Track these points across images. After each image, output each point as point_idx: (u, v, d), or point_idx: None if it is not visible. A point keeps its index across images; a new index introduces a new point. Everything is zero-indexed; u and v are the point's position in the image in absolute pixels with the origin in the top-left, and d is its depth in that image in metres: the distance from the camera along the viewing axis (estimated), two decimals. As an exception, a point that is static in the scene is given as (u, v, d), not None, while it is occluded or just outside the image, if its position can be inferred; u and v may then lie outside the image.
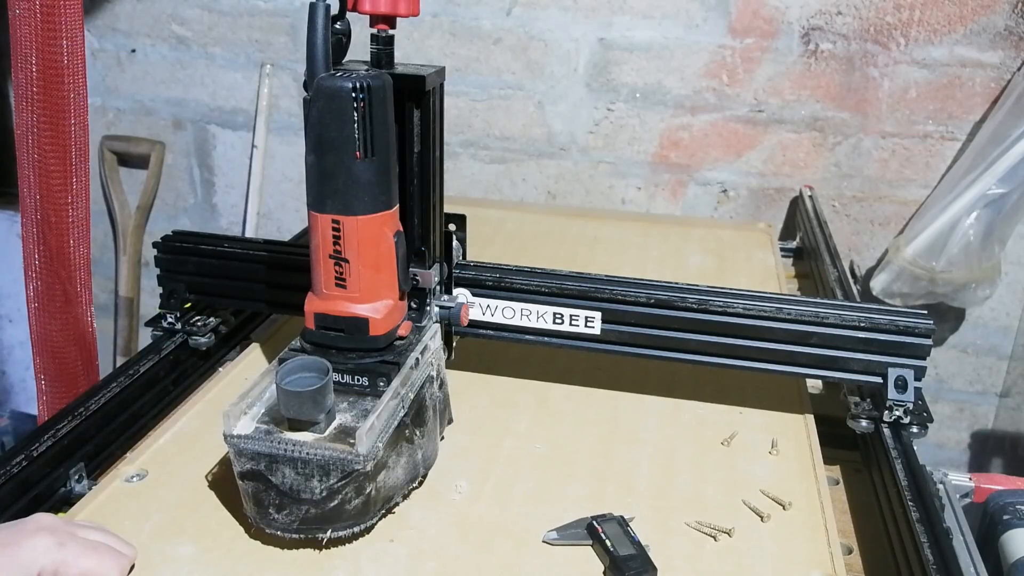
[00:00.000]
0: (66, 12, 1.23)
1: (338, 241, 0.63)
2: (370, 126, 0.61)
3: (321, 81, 0.60)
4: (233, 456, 0.60)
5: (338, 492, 0.59)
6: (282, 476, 0.59)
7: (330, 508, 0.59)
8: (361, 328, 0.65)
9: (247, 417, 0.61)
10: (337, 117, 0.60)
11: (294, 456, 0.58)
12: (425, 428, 0.68)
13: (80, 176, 1.34)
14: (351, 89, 0.59)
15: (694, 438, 0.78)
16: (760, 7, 1.34)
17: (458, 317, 0.75)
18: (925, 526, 0.63)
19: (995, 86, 1.31)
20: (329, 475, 0.58)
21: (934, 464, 0.83)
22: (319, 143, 0.61)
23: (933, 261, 1.30)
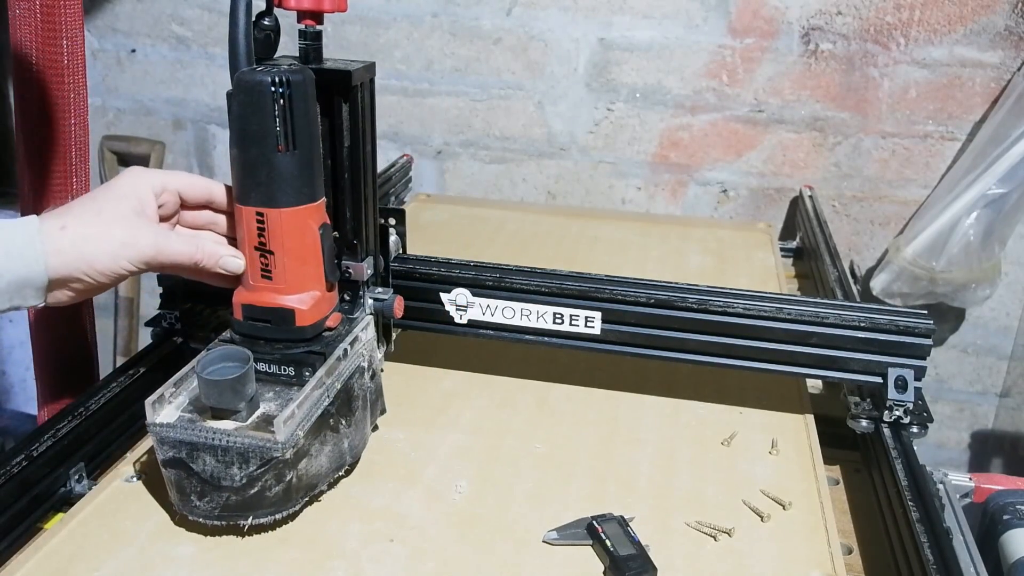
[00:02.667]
0: (66, 12, 1.23)
1: (263, 233, 0.64)
2: (291, 119, 0.61)
3: (241, 76, 0.61)
4: (156, 444, 0.61)
5: (258, 479, 0.60)
6: (203, 464, 0.60)
7: (250, 495, 0.60)
8: (287, 319, 0.65)
9: (171, 406, 0.62)
10: (257, 111, 0.61)
11: (214, 444, 0.59)
12: (352, 417, 0.69)
13: (80, 176, 1.34)
14: (270, 83, 0.60)
15: (694, 438, 0.78)
16: (760, 7, 1.34)
17: (391, 309, 0.76)
18: (925, 526, 0.63)
19: (995, 86, 1.31)
20: (248, 462, 0.59)
21: (934, 464, 0.83)
22: (241, 136, 0.62)
23: (933, 261, 1.30)
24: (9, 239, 0.59)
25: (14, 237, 0.59)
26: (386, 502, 0.68)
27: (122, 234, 0.62)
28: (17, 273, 0.58)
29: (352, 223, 0.73)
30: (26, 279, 0.59)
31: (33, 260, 0.59)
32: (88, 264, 0.61)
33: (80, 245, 0.60)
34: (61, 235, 0.60)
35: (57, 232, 0.60)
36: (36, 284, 0.60)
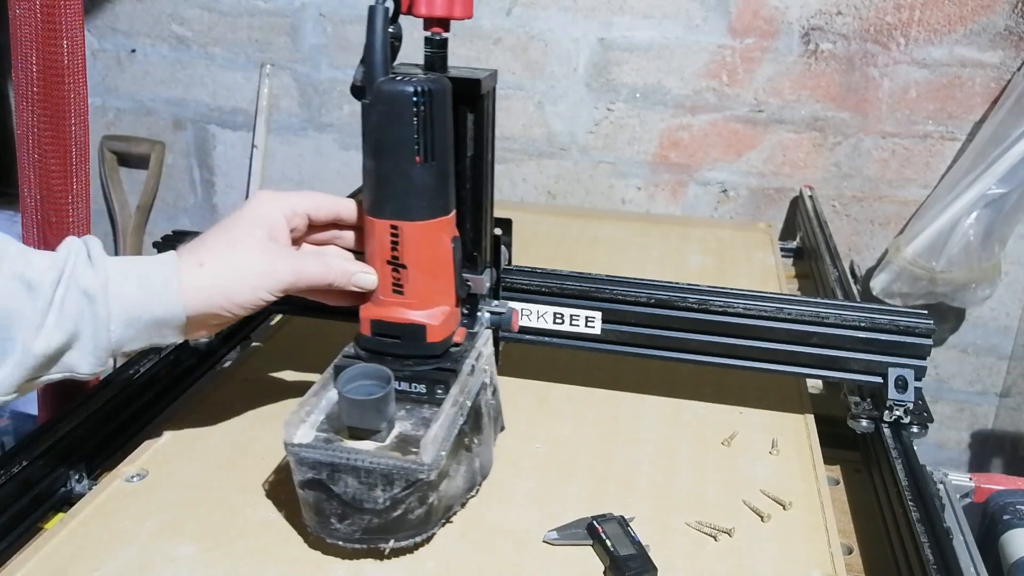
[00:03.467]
0: (66, 12, 1.23)
1: (396, 247, 0.62)
2: (430, 130, 0.60)
3: (381, 85, 0.59)
4: (294, 465, 0.59)
5: (401, 502, 0.58)
6: (345, 485, 0.57)
7: (393, 518, 0.58)
8: (418, 335, 0.63)
9: (306, 425, 0.60)
10: (397, 121, 0.59)
11: (357, 465, 0.57)
12: (482, 435, 0.67)
13: (80, 176, 1.34)
14: (412, 93, 0.59)
15: (694, 438, 0.78)
16: (760, 7, 1.34)
17: (509, 323, 0.73)
18: (925, 526, 0.63)
19: (995, 86, 1.31)
20: (393, 484, 0.57)
21: (934, 464, 0.83)
22: (378, 148, 0.60)
23: (933, 261, 1.30)
24: (148, 279, 0.58)
25: (153, 277, 0.58)
26: (386, 502, 0.68)
27: (260, 264, 0.61)
28: (155, 313, 0.58)
29: (472, 234, 0.71)
30: (164, 319, 0.58)
31: (172, 300, 0.58)
32: (228, 298, 0.60)
33: (220, 281, 0.60)
34: (200, 272, 0.59)
35: (195, 269, 0.59)
36: (175, 324, 0.59)
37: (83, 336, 0.57)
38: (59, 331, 0.55)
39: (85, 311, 0.56)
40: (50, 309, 0.55)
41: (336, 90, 1.54)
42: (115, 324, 0.57)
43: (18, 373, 0.55)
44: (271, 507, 0.66)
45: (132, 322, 0.58)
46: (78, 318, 0.56)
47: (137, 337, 0.59)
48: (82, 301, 0.56)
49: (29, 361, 0.55)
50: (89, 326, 0.56)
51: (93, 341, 0.57)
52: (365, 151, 0.61)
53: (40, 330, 0.55)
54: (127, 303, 0.57)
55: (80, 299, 0.56)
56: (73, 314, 0.56)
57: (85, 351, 0.57)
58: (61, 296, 0.55)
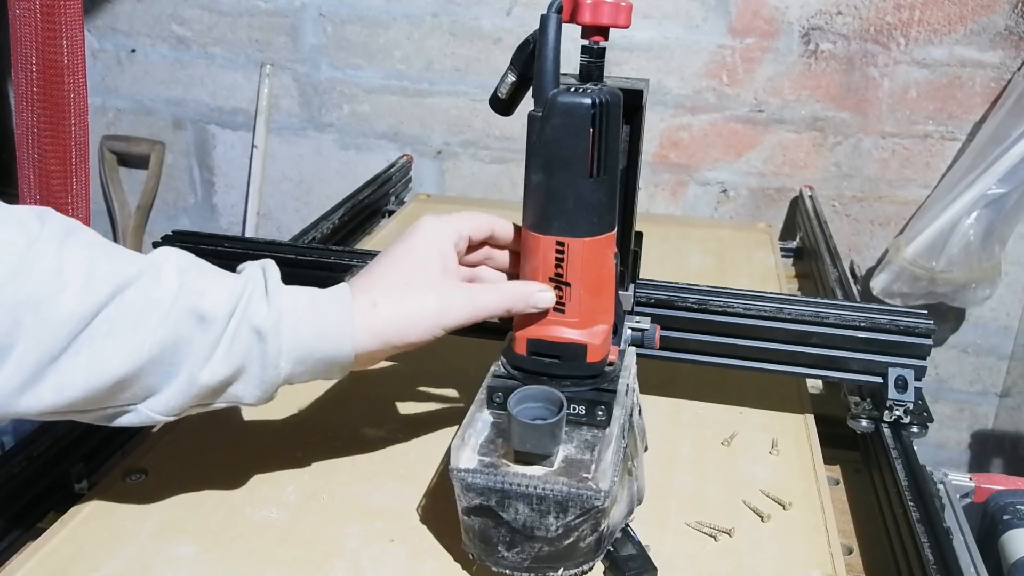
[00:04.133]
0: (66, 12, 1.23)
1: (560, 264, 0.60)
2: (604, 143, 0.58)
3: (556, 97, 0.57)
4: (460, 491, 0.57)
5: (574, 529, 0.56)
6: (515, 512, 0.56)
7: (564, 546, 0.56)
8: (579, 355, 0.61)
9: (468, 449, 0.58)
10: (572, 134, 0.57)
11: (529, 492, 0.55)
12: (639, 458, 0.66)
13: (80, 176, 1.34)
14: (589, 106, 0.57)
15: (694, 438, 0.78)
16: (760, 7, 1.34)
17: (652, 340, 0.70)
18: (925, 526, 0.63)
19: (995, 86, 1.31)
20: (567, 512, 0.55)
21: (934, 464, 0.83)
22: (549, 162, 0.58)
23: (933, 261, 1.30)
24: (322, 321, 0.57)
25: (327, 319, 0.57)
26: (386, 502, 0.68)
27: (435, 304, 0.59)
28: (326, 353, 0.57)
29: (621, 249, 0.69)
30: (334, 359, 0.57)
31: (344, 343, 0.57)
32: (401, 338, 0.59)
33: (395, 322, 0.58)
34: (374, 314, 0.58)
35: (369, 310, 0.58)
36: (343, 363, 0.58)
37: (250, 371, 0.56)
38: (226, 365, 0.54)
39: (254, 347, 0.55)
40: (220, 343, 0.54)
41: (336, 90, 1.55)
42: (284, 361, 0.56)
43: (179, 399, 0.54)
44: (271, 507, 0.66)
45: (302, 360, 0.57)
46: (247, 353, 0.55)
47: (305, 373, 0.58)
48: (252, 338, 0.55)
49: (193, 390, 0.54)
50: (257, 362, 0.55)
51: (260, 376, 0.56)
52: (532, 165, 0.59)
53: (208, 361, 0.54)
54: (299, 342, 0.56)
55: (251, 335, 0.55)
56: (242, 350, 0.55)
57: (251, 384, 0.56)
58: (232, 331, 0.54)
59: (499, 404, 0.61)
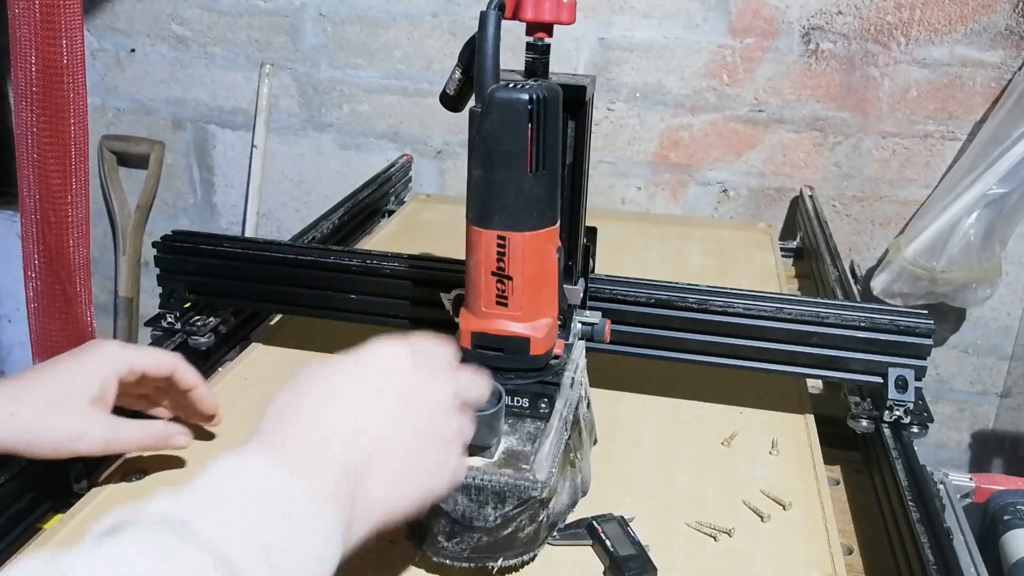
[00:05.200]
0: (65, 12, 1.23)
1: (502, 258, 0.60)
2: (543, 139, 0.58)
3: (495, 93, 0.57)
4: None
5: (512, 519, 0.56)
6: (454, 503, 0.56)
7: (503, 536, 0.57)
8: (522, 348, 0.62)
9: None
10: (511, 130, 0.57)
11: (468, 483, 0.55)
12: (583, 450, 0.66)
13: (79, 176, 1.34)
14: (527, 101, 0.57)
15: (694, 438, 0.78)
16: (760, 7, 1.34)
17: (602, 334, 0.71)
18: (925, 526, 0.63)
19: (996, 86, 1.31)
20: (505, 502, 0.56)
21: (935, 464, 0.83)
22: (488, 157, 0.59)
23: (934, 261, 1.30)
24: None
25: None
26: (386, 502, 0.67)
27: (72, 428, 0.61)
28: None
29: (568, 244, 0.70)
30: None
31: None
32: (29, 448, 0.60)
33: (26, 435, 0.60)
34: (10, 422, 0.59)
35: (6, 418, 0.59)
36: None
37: None
38: None
39: None
40: None
41: (336, 90, 1.54)
42: None
43: None
44: (270, 507, 0.66)
45: None
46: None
47: None
48: None
49: None
50: None
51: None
52: (473, 160, 0.60)
53: None
54: None
55: None
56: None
57: None
58: None
59: None
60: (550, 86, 0.59)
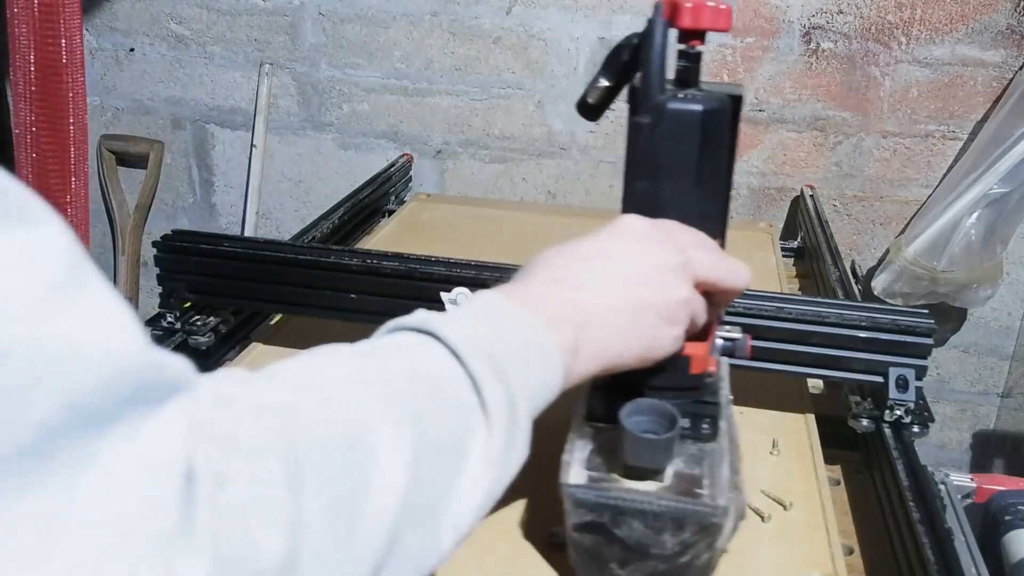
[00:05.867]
0: (64, 11, 1.23)
1: None
2: (712, 151, 0.56)
3: (664, 103, 0.55)
4: (570, 507, 0.55)
5: (691, 546, 0.54)
6: (629, 529, 0.54)
7: (680, 564, 0.55)
8: (682, 366, 0.58)
9: (575, 463, 0.57)
10: (682, 142, 0.55)
11: (644, 509, 0.53)
12: (741, 474, 0.63)
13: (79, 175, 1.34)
14: (701, 112, 0.55)
15: (694, 438, 0.78)
16: (761, 6, 1.34)
17: (744, 350, 0.65)
18: (926, 526, 0.62)
19: (997, 85, 1.31)
20: (683, 528, 0.54)
21: (936, 464, 0.83)
22: (656, 170, 0.56)
23: (935, 261, 1.30)
24: None
25: None
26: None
27: None
28: None
29: None
30: None
31: None
32: None
33: None
34: None
35: None
36: None
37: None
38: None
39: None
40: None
41: (335, 89, 1.54)
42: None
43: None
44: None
45: None
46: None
47: None
48: None
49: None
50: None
51: None
52: (636, 172, 0.57)
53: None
54: None
55: None
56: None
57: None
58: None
59: (598, 417, 0.60)
60: (720, 96, 0.57)
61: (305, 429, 0.33)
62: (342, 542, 0.32)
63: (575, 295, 0.48)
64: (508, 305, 0.46)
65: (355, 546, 0.33)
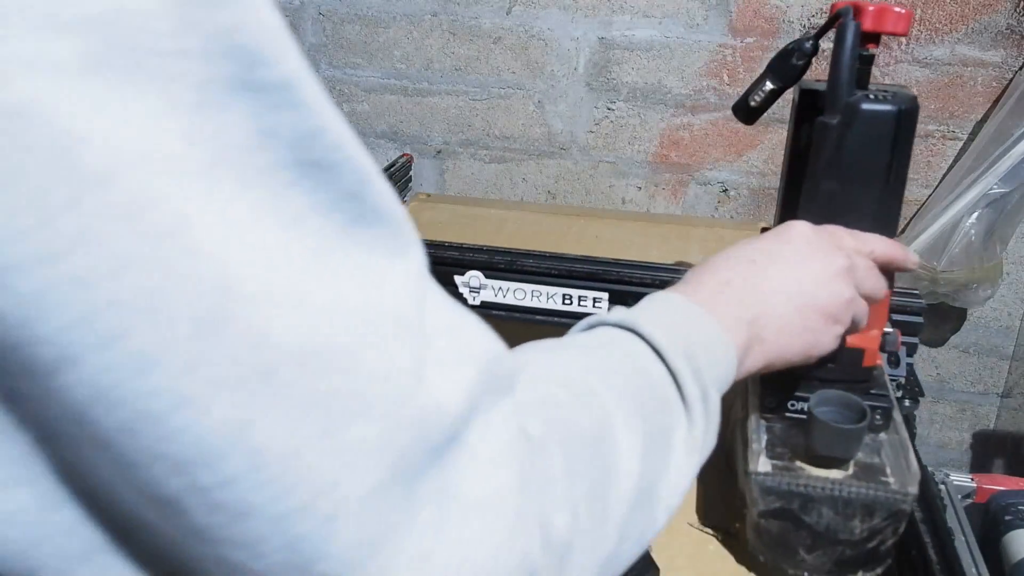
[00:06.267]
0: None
1: None
2: (901, 151, 0.58)
3: (857, 104, 0.57)
4: (757, 495, 0.57)
5: (879, 532, 0.57)
6: (818, 516, 0.57)
7: (867, 549, 0.58)
8: (856, 360, 0.62)
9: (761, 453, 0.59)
10: (874, 144, 0.57)
11: (834, 495, 0.56)
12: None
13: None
14: (895, 114, 0.57)
15: (695, 438, 0.78)
16: (761, 6, 1.34)
17: (895, 344, 0.67)
18: (927, 526, 0.62)
19: (997, 85, 1.31)
20: (873, 515, 0.57)
21: (936, 464, 0.83)
22: (847, 170, 0.58)
23: (934, 261, 1.30)
24: None
25: None
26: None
27: None
28: None
29: None
30: None
31: None
32: None
33: None
34: None
35: None
36: None
37: None
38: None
39: None
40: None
41: (335, 89, 1.54)
42: None
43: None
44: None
45: None
46: None
47: None
48: None
49: None
50: None
51: None
52: (824, 172, 0.58)
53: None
54: None
55: None
56: None
57: None
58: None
59: (773, 409, 0.62)
60: (911, 97, 0.59)
61: (568, 421, 0.37)
62: (598, 523, 0.36)
63: (746, 296, 0.51)
64: (690, 304, 0.49)
65: (607, 527, 0.37)
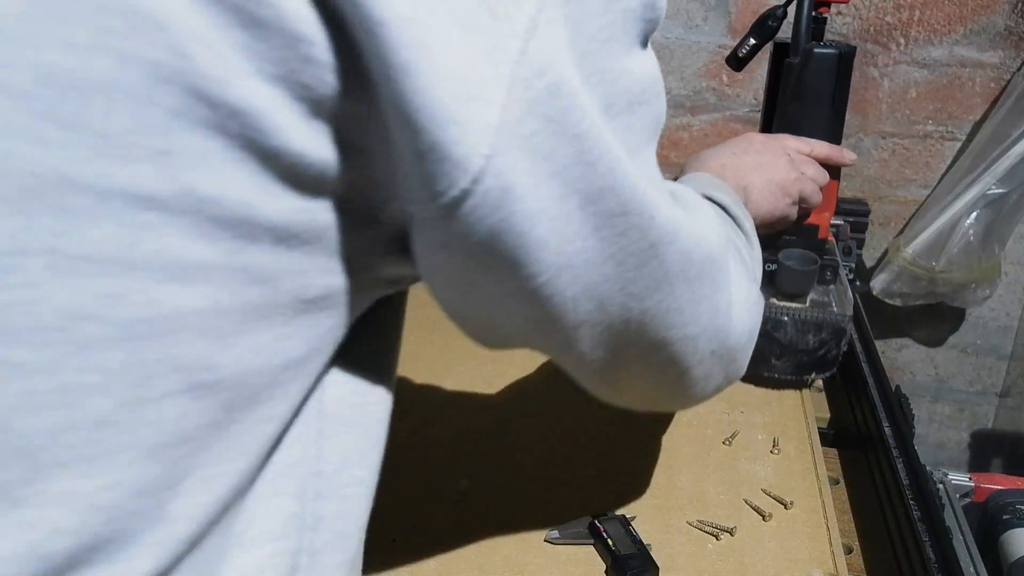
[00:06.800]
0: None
1: None
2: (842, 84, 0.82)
3: (812, 49, 0.79)
4: None
5: (826, 343, 0.80)
6: (784, 332, 0.79)
7: (817, 357, 0.81)
8: (813, 233, 0.83)
9: None
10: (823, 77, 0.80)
11: (795, 318, 0.80)
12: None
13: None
14: (838, 56, 0.80)
15: (695, 437, 0.78)
16: (760, 7, 1.34)
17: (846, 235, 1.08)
18: (926, 525, 0.63)
19: (995, 86, 1.31)
20: (821, 330, 0.80)
21: (934, 464, 0.83)
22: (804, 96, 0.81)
23: (933, 261, 1.30)
24: None
25: None
26: (386, 502, 0.68)
27: None
28: None
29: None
30: None
31: None
32: None
33: None
34: None
35: None
36: None
37: None
38: None
39: None
40: None
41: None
42: None
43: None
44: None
45: None
46: None
47: None
48: None
49: None
50: None
51: None
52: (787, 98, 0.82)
53: None
54: None
55: None
56: None
57: None
58: None
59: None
60: (850, 46, 0.82)
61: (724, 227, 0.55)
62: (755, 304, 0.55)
63: (737, 174, 0.69)
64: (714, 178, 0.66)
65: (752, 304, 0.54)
